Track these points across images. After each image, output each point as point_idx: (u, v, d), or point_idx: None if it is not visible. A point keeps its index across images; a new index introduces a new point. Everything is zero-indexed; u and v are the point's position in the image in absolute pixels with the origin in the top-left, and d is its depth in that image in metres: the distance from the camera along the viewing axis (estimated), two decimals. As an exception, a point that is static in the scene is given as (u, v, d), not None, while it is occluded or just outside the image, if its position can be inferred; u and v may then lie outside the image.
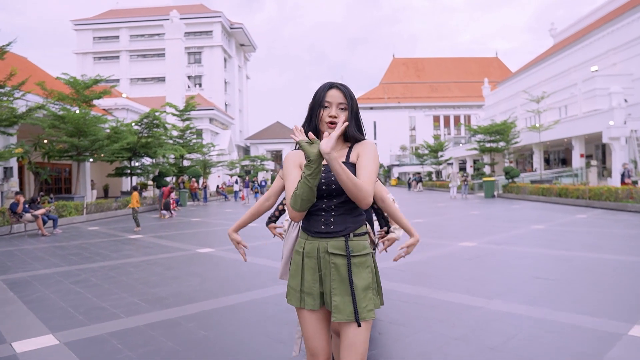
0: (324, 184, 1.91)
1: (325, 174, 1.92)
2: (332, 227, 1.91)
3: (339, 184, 1.87)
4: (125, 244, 9.83)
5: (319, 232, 1.92)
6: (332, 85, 1.98)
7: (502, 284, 5.38)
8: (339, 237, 1.90)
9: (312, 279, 1.92)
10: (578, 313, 4.16)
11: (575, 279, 5.52)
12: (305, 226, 1.99)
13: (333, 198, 1.92)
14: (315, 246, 1.93)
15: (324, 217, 1.93)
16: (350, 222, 1.93)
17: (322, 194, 1.92)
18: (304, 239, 1.98)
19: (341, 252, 1.89)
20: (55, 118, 17.24)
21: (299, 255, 1.97)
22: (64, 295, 5.26)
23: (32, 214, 11.86)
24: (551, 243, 8.41)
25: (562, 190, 19.13)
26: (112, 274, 6.51)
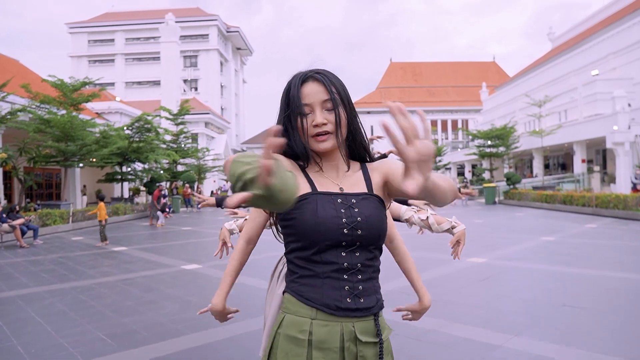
0: (346, 225, 1.19)
1: (346, 210, 1.21)
2: (362, 301, 1.21)
3: (370, 228, 1.20)
4: (106, 258, 9.11)
5: (346, 308, 1.19)
6: (305, 76, 1.26)
7: (524, 313, 4.70)
8: (368, 317, 1.23)
9: None
10: (621, 357, 3.48)
11: (608, 307, 4.84)
12: (313, 294, 1.21)
13: (357, 251, 1.21)
14: (337, 331, 1.19)
15: (348, 284, 1.20)
16: (378, 290, 1.28)
17: (341, 241, 1.19)
18: (307, 317, 1.21)
19: (373, 339, 1.23)
20: (40, 122, 16.52)
21: (298, 346, 1.19)
22: (19, 328, 4.55)
23: (10, 224, 11.12)
24: (567, 259, 7.74)
25: (567, 197, 18.50)
26: (82, 297, 5.80)
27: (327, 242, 1.18)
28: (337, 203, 1.21)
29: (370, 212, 1.22)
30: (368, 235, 1.20)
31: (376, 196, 1.27)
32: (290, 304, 1.24)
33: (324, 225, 1.17)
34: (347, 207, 1.21)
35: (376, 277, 1.27)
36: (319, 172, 1.29)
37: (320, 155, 1.30)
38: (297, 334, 1.19)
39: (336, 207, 1.20)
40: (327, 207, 1.20)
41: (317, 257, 1.20)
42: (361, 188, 1.27)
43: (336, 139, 1.25)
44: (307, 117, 1.24)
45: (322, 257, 1.19)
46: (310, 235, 1.18)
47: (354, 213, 1.20)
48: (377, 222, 1.22)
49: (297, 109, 1.24)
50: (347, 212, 1.20)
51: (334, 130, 1.24)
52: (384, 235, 1.25)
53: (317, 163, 1.30)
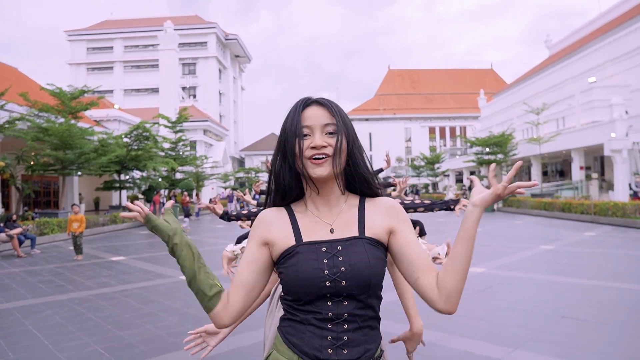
0: (328, 277, 1.15)
1: (329, 260, 1.16)
2: (346, 352, 1.15)
3: (355, 277, 1.15)
4: (104, 268, 9.07)
5: (325, 359, 1.15)
6: (308, 101, 1.24)
7: (524, 325, 4.68)
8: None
9: None
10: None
11: (609, 319, 4.82)
12: (296, 340, 1.19)
13: (344, 300, 1.16)
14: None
15: (331, 334, 1.16)
16: (370, 341, 1.20)
17: (324, 293, 1.15)
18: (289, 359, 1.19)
19: None
20: (39, 130, 16.50)
21: None
22: (16, 342, 4.51)
23: (7, 233, 11.07)
24: (567, 269, 7.72)
25: (566, 205, 18.51)
26: (80, 309, 5.76)
27: (309, 297, 1.16)
28: (321, 252, 1.17)
29: (357, 260, 1.16)
30: (353, 285, 1.15)
31: (368, 239, 1.20)
32: (278, 342, 1.24)
33: (305, 281, 1.15)
34: (332, 255, 1.17)
35: (369, 326, 1.20)
36: (309, 211, 1.26)
37: (314, 186, 1.23)
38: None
39: (318, 259, 1.16)
40: (310, 260, 1.16)
41: (302, 307, 1.19)
42: (352, 230, 1.22)
43: (333, 166, 1.18)
44: (305, 139, 1.19)
45: (307, 308, 1.18)
46: (294, 290, 1.17)
47: (337, 262, 1.16)
48: (364, 270, 1.15)
49: (295, 131, 1.20)
50: (330, 262, 1.16)
51: (333, 156, 1.18)
52: (376, 282, 1.17)
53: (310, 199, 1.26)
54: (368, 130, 71.98)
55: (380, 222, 1.23)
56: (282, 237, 1.21)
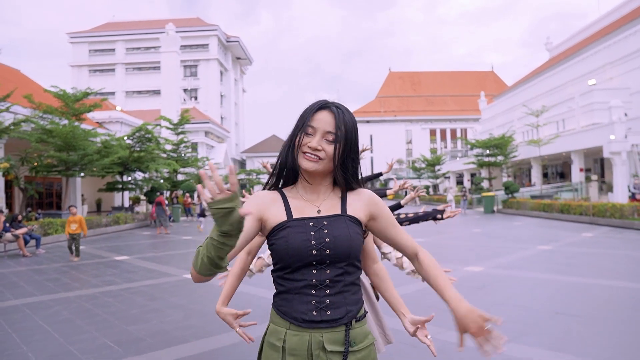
0: (314, 246, 1.34)
1: (316, 232, 1.35)
2: (329, 313, 1.34)
3: (337, 247, 1.34)
4: (109, 266, 9.24)
5: (310, 320, 1.34)
6: (324, 104, 1.41)
7: (518, 321, 4.84)
8: (338, 327, 1.36)
9: None
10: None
11: (600, 315, 4.98)
12: (285, 308, 1.38)
13: (327, 268, 1.35)
14: (306, 340, 1.33)
15: (315, 298, 1.34)
16: (351, 303, 1.38)
17: (310, 260, 1.34)
18: (282, 327, 1.38)
19: (340, 349, 1.34)
20: (43, 132, 16.69)
21: (275, 351, 1.37)
22: (28, 336, 4.69)
23: (13, 233, 11.25)
24: (563, 267, 7.88)
25: (565, 206, 18.66)
26: (88, 305, 5.93)
27: (298, 263, 1.34)
28: (309, 226, 1.36)
29: (340, 232, 1.35)
30: (336, 253, 1.34)
31: (349, 216, 1.40)
32: (273, 315, 1.42)
33: (294, 249, 1.33)
34: (318, 229, 1.36)
35: (349, 291, 1.38)
36: (299, 196, 1.44)
37: (306, 175, 1.42)
38: (275, 341, 1.37)
39: (306, 231, 1.35)
40: (299, 232, 1.35)
41: (290, 276, 1.36)
42: (335, 210, 1.42)
43: (322, 167, 1.38)
44: (307, 137, 1.38)
45: (294, 276, 1.36)
46: (285, 258, 1.35)
47: (323, 235, 1.35)
48: (345, 241, 1.35)
49: (301, 126, 1.39)
50: (317, 234, 1.35)
51: (325, 159, 1.37)
52: (355, 253, 1.37)
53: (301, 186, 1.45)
54: (369, 132, 72.11)
55: (360, 207, 1.44)
56: (274, 214, 1.39)
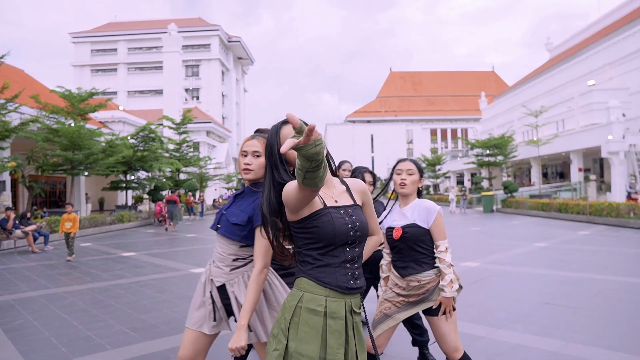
0: (351, 229, 1.69)
1: (349, 218, 1.71)
2: (358, 282, 1.73)
3: (363, 229, 1.72)
4: (117, 262, 9.53)
5: (349, 287, 1.70)
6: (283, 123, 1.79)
7: (508, 310, 5.13)
8: (358, 293, 1.76)
9: (338, 344, 1.64)
10: (594, 345, 3.91)
11: (586, 305, 5.27)
12: (327, 279, 1.68)
13: (356, 246, 1.72)
14: (343, 305, 1.68)
15: (350, 270, 1.71)
16: (364, 275, 1.80)
17: (347, 240, 1.69)
18: (321, 294, 1.67)
19: (358, 310, 1.74)
20: (49, 131, 16.99)
21: (316, 315, 1.65)
22: (47, 323, 4.98)
23: (22, 230, 11.56)
24: (556, 263, 8.16)
25: (562, 206, 18.93)
26: (100, 297, 6.23)
27: (341, 242, 1.68)
28: (342, 213, 1.70)
29: (362, 218, 1.75)
30: (362, 234, 1.72)
31: (359, 205, 1.81)
32: (308, 285, 1.69)
33: (339, 231, 1.66)
34: (349, 215, 1.72)
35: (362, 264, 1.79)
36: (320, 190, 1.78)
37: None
38: (315, 307, 1.65)
39: (344, 216, 1.69)
40: (339, 217, 1.69)
41: (331, 252, 1.68)
42: (348, 200, 1.79)
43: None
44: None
45: (334, 252, 1.68)
46: (330, 239, 1.67)
47: (353, 220, 1.71)
48: (365, 225, 1.76)
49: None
50: (349, 219, 1.70)
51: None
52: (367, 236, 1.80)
53: None
54: (370, 132, 72.38)
55: (359, 196, 1.83)
56: (315, 204, 1.70)
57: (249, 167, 1.93)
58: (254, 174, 2.13)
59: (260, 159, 2.11)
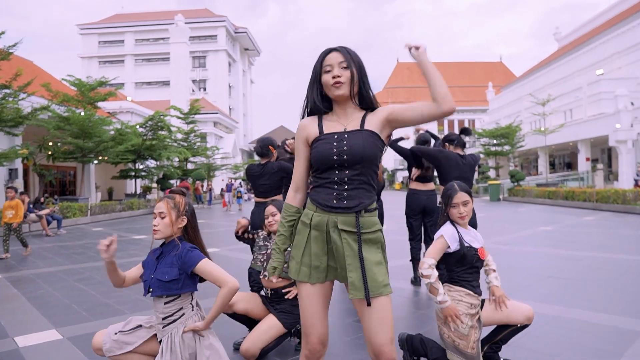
0: (336, 153, 1.82)
1: (338, 143, 1.83)
2: (345, 202, 1.83)
3: (353, 153, 1.80)
4: (130, 243, 9.77)
5: (330, 206, 1.83)
6: (330, 50, 1.89)
7: (514, 282, 5.28)
8: (351, 213, 1.82)
9: (321, 251, 1.85)
10: (593, 311, 4.06)
11: (588, 278, 5.41)
12: (315, 197, 1.88)
13: (346, 169, 1.83)
14: (325, 220, 1.84)
15: (336, 191, 1.84)
16: (363, 197, 1.84)
17: (333, 164, 1.83)
18: (311, 210, 1.89)
19: (352, 229, 1.81)
20: (60, 119, 17.24)
21: (305, 226, 1.88)
22: (67, 292, 5.19)
23: (37, 214, 11.81)
24: (560, 243, 8.28)
25: (569, 193, 18.97)
26: (116, 272, 6.43)
27: (324, 165, 1.85)
28: (333, 139, 1.85)
29: (355, 142, 1.82)
30: (351, 158, 1.81)
31: (366, 130, 1.85)
32: (308, 203, 1.93)
33: (321, 156, 1.85)
34: (340, 140, 1.83)
35: (364, 189, 1.85)
36: (331, 117, 1.93)
37: (336, 102, 1.92)
38: (305, 219, 1.90)
39: (331, 142, 1.84)
40: (325, 143, 1.85)
41: (320, 175, 1.89)
42: (357, 126, 1.88)
43: (348, 88, 1.85)
44: (328, 74, 1.86)
45: (322, 175, 1.88)
46: (316, 162, 1.88)
47: (342, 145, 1.82)
48: (359, 149, 1.81)
49: (320, 68, 1.89)
50: (338, 144, 1.83)
51: (347, 82, 1.84)
52: (368, 158, 1.82)
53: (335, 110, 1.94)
54: (376, 123, 72.25)
55: (376, 122, 1.89)
56: (312, 132, 1.92)
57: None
58: (161, 233, 2.32)
59: (165, 220, 2.28)
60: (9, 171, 17.09)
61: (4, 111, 12.91)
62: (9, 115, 13.07)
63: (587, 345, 3.24)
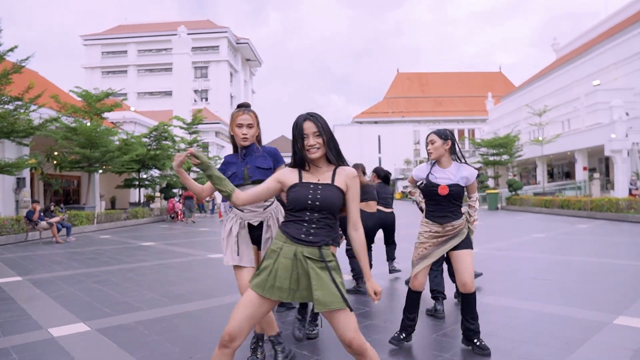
0: (310, 199, 2.25)
1: (313, 192, 2.26)
2: (311, 238, 2.24)
3: (324, 202, 2.24)
4: (139, 250, 10.17)
5: (298, 239, 2.24)
6: (305, 118, 2.30)
7: (500, 283, 5.69)
8: (315, 246, 2.24)
9: (284, 277, 2.22)
10: (568, 306, 4.46)
11: (571, 279, 5.81)
12: (286, 230, 2.28)
13: (316, 212, 2.26)
14: (293, 250, 2.24)
15: (305, 227, 2.25)
16: (325, 236, 2.27)
17: (306, 207, 2.25)
18: (281, 240, 2.28)
19: (317, 258, 2.23)
20: (67, 130, 17.72)
21: (274, 253, 2.27)
22: (88, 292, 5.61)
23: (47, 221, 12.24)
24: (550, 249, 8.68)
25: (565, 202, 19.38)
26: (130, 275, 6.85)
27: (299, 206, 2.27)
28: (309, 188, 2.27)
29: (326, 194, 2.25)
30: (321, 205, 2.24)
31: (335, 186, 2.29)
32: (278, 234, 2.34)
33: (298, 199, 2.26)
34: (315, 190, 2.26)
35: (326, 229, 2.27)
36: (308, 172, 2.35)
37: (312, 162, 2.33)
38: (275, 248, 2.29)
39: (307, 190, 2.27)
40: (302, 189, 2.27)
41: (294, 213, 2.29)
42: (327, 180, 2.30)
43: (322, 152, 2.30)
44: (305, 140, 2.28)
45: (296, 214, 2.28)
46: (293, 202, 2.29)
47: (317, 193, 2.26)
48: (328, 199, 2.24)
49: (300, 136, 2.29)
50: (313, 192, 2.26)
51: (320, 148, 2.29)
52: (334, 207, 2.27)
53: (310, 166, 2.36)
54: (377, 133, 72.78)
55: (342, 180, 2.33)
56: (291, 179, 2.33)
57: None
58: (249, 141, 2.90)
59: (253, 129, 2.87)
60: (17, 180, 17.54)
61: (16, 122, 13.37)
62: (21, 126, 13.53)
63: (558, 333, 3.65)
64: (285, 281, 2.22)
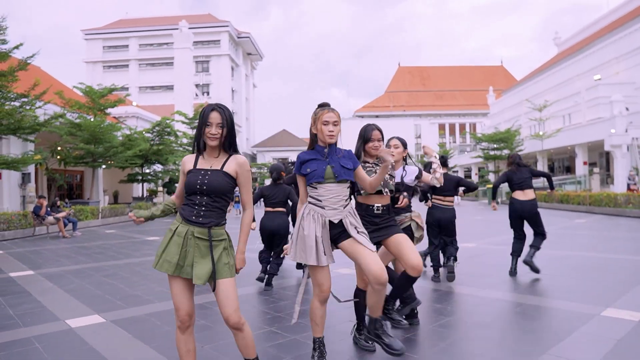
0: (199, 183, 2.48)
1: (202, 178, 2.49)
2: (200, 220, 2.49)
3: (210, 186, 2.47)
4: (144, 244, 10.40)
5: (189, 220, 2.49)
6: (212, 108, 2.52)
7: (494, 277, 5.90)
8: (204, 227, 2.49)
9: (174, 252, 2.46)
10: (559, 299, 4.67)
11: (562, 273, 6.03)
12: (182, 212, 2.54)
13: (205, 196, 2.50)
14: (185, 229, 2.49)
15: (195, 210, 2.49)
16: (214, 217, 2.52)
17: (196, 191, 2.49)
18: (178, 221, 2.53)
19: (204, 237, 2.48)
20: (72, 126, 17.93)
21: (170, 232, 2.52)
22: (98, 286, 5.82)
23: (54, 216, 12.47)
24: (547, 244, 8.85)
25: (564, 197, 19.57)
26: (138, 269, 7.07)
27: (190, 191, 2.52)
28: (200, 173, 2.50)
29: (213, 179, 2.49)
30: (209, 189, 2.47)
31: (223, 172, 2.52)
32: (177, 215, 2.59)
33: (189, 184, 2.51)
34: (204, 175, 2.49)
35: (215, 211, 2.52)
36: (204, 158, 2.58)
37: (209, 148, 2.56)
38: (172, 227, 2.54)
39: (198, 176, 2.50)
40: (194, 175, 2.51)
41: (187, 197, 2.55)
42: (217, 166, 2.54)
43: (219, 142, 2.53)
44: (207, 127, 2.49)
45: (189, 197, 2.54)
46: (186, 188, 2.55)
47: (204, 178, 2.48)
48: (213, 184, 2.47)
49: (204, 123, 2.50)
50: (202, 178, 2.48)
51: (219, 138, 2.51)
52: (221, 192, 2.50)
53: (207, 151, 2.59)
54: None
55: (232, 167, 2.56)
56: (188, 166, 2.57)
57: (333, 133, 2.64)
58: (335, 138, 2.91)
59: (338, 127, 2.90)
60: (22, 175, 17.77)
61: (23, 119, 13.57)
62: (27, 122, 13.73)
63: (547, 325, 3.85)
64: (174, 256, 2.46)
